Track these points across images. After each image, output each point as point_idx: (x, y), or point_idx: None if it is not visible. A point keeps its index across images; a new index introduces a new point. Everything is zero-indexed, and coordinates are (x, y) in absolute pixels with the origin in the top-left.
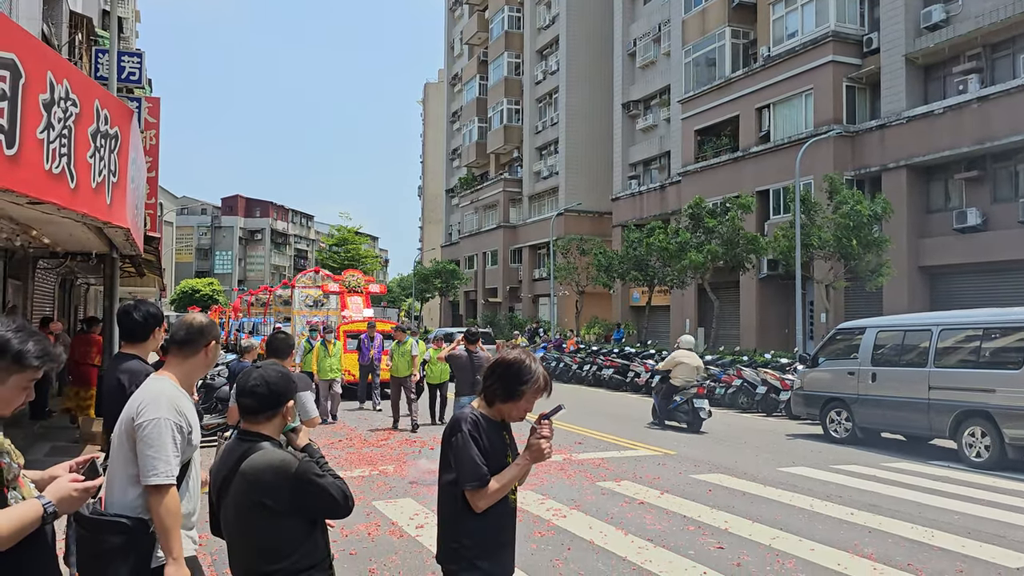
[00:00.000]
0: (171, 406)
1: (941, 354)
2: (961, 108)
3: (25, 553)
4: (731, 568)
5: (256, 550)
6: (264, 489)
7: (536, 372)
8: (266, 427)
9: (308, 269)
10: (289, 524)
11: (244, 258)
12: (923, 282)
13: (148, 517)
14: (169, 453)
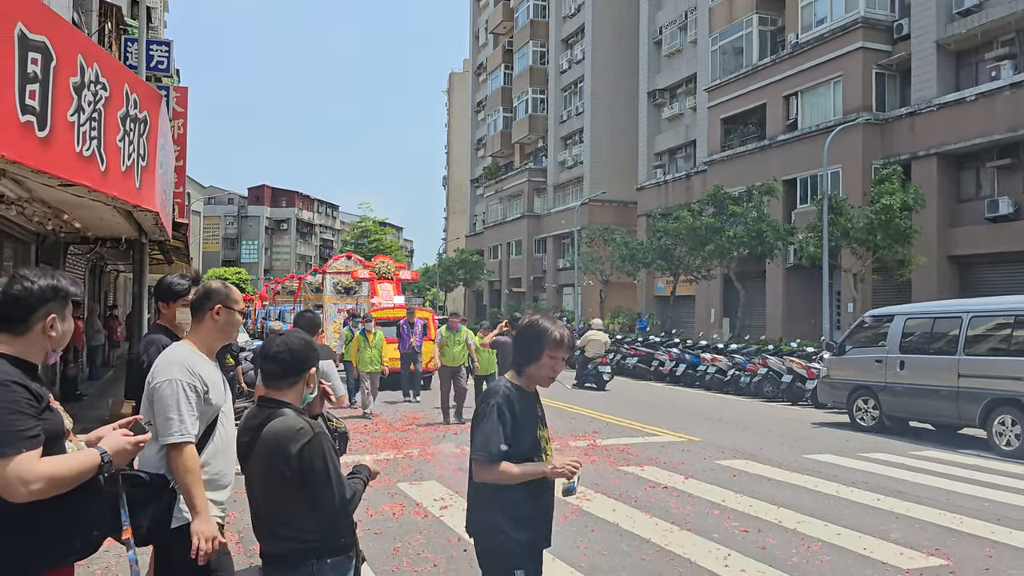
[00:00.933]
0: (183, 367)
1: (971, 342)
2: (993, 95)
3: (83, 498)
4: (755, 551)
5: (275, 516)
6: (281, 455)
7: (550, 329)
8: (287, 394)
9: (339, 255)
10: (297, 492)
11: (270, 247)
12: (953, 272)
13: (169, 474)
14: (184, 413)
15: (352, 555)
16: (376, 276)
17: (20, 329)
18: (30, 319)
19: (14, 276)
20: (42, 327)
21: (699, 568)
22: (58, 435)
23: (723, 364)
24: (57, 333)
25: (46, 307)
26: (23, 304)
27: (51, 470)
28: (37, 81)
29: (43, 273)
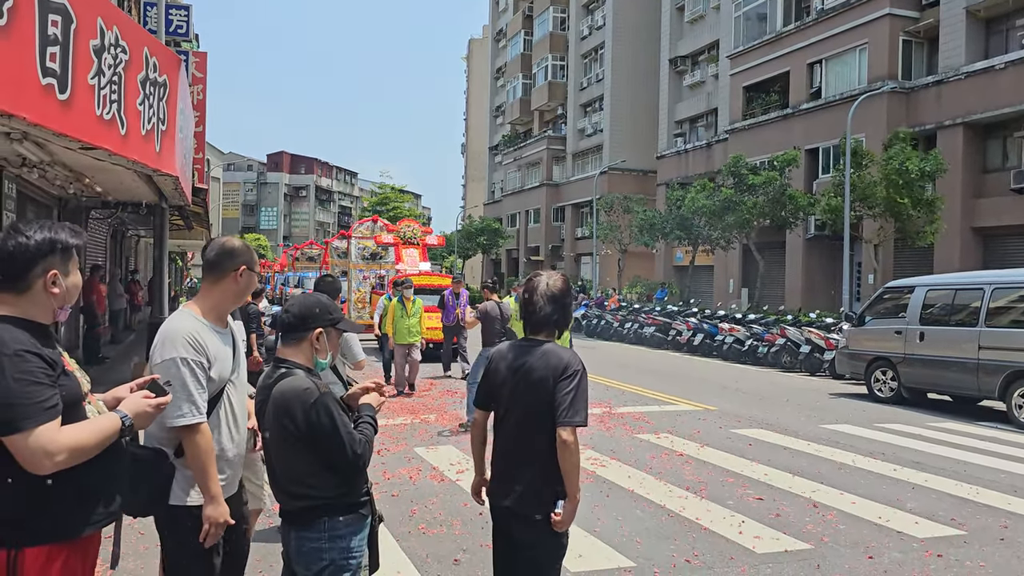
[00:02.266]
0: (186, 343)
1: (993, 314)
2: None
3: (108, 464)
4: (770, 518)
5: (289, 474)
6: (288, 414)
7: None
8: (297, 354)
9: (365, 218)
10: (306, 451)
11: (289, 214)
12: (976, 243)
13: (168, 449)
14: (192, 392)
15: (366, 514)
16: (401, 241)
17: (21, 287)
18: (28, 276)
19: (9, 230)
20: (43, 284)
21: (713, 534)
22: (76, 400)
23: (741, 334)
24: (61, 289)
25: (45, 262)
26: (19, 260)
27: (74, 439)
28: (57, 44)
29: (40, 226)
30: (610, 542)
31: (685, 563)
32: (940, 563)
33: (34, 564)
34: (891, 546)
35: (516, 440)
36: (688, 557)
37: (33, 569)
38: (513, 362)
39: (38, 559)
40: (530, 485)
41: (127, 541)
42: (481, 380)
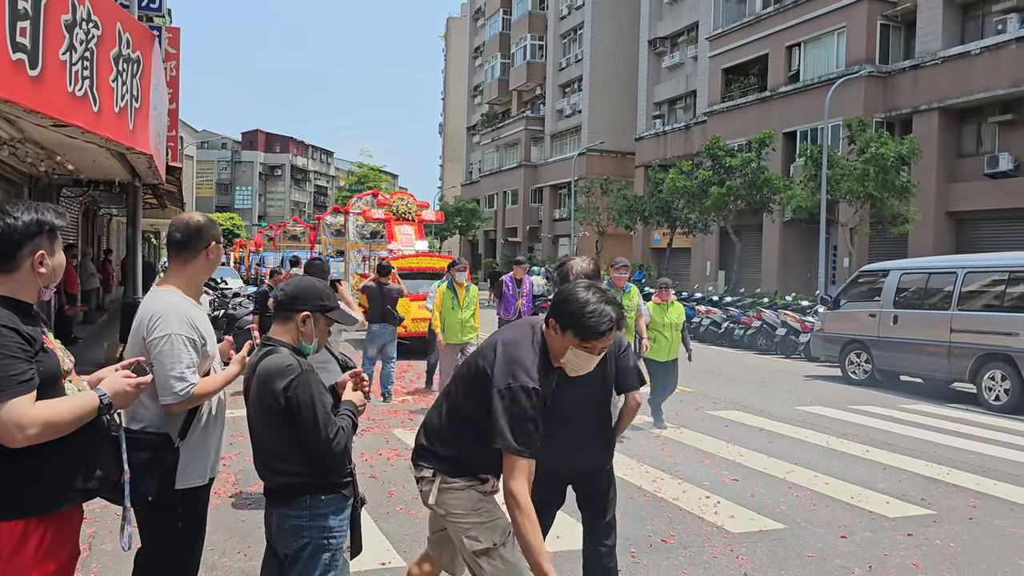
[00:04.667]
0: (181, 319)
1: (965, 297)
2: (999, 49)
3: (86, 441)
4: (745, 498)
5: (270, 451)
6: (269, 389)
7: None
8: (284, 333)
9: (365, 192)
10: (285, 428)
11: (264, 194)
12: (950, 228)
13: (173, 434)
14: (184, 369)
15: (348, 495)
16: (393, 216)
17: (9, 267)
18: (18, 256)
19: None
20: (31, 264)
21: (689, 514)
22: (55, 377)
23: (718, 316)
24: (47, 269)
25: (33, 243)
26: (8, 241)
27: (47, 414)
28: (28, 18)
29: (26, 207)
30: None
31: (661, 543)
32: (910, 542)
33: (10, 539)
34: (863, 525)
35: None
36: (664, 537)
37: (9, 544)
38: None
39: (14, 534)
40: (594, 450)
41: (105, 521)
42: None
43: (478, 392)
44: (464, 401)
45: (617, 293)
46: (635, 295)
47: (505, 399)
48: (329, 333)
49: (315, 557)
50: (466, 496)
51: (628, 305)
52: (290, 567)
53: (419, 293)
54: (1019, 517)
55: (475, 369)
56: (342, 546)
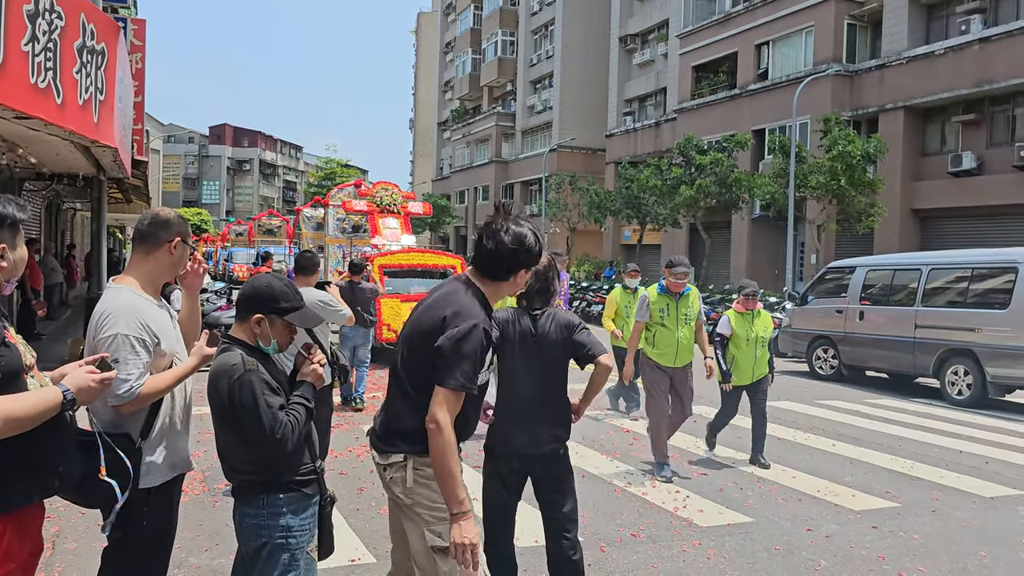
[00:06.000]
0: (130, 319)
1: (929, 294)
2: (962, 49)
3: (50, 436)
4: (713, 492)
5: (226, 449)
6: (216, 389)
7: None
8: (240, 331)
9: (346, 183)
10: (233, 427)
11: (232, 188)
12: (914, 225)
13: (134, 433)
14: (131, 370)
15: (311, 493)
16: (377, 208)
17: None
18: None
19: None
20: None
21: (658, 509)
22: (16, 372)
23: (605, 307)
24: (8, 263)
25: None
26: None
27: (8, 409)
28: None
29: None
30: None
31: (631, 537)
32: (875, 534)
33: None
34: (829, 518)
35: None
36: (634, 531)
37: None
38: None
39: None
40: (547, 433)
41: (69, 520)
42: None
43: (431, 345)
44: (421, 360)
45: (671, 300)
46: (695, 300)
47: (454, 339)
48: (295, 332)
49: (273, 557)
50: (435, 484)
51: (687, 314)
52: (251, 566)
53: (411, 293)
54: (980, 509)
55: (426, 325)
56: (304, 546)
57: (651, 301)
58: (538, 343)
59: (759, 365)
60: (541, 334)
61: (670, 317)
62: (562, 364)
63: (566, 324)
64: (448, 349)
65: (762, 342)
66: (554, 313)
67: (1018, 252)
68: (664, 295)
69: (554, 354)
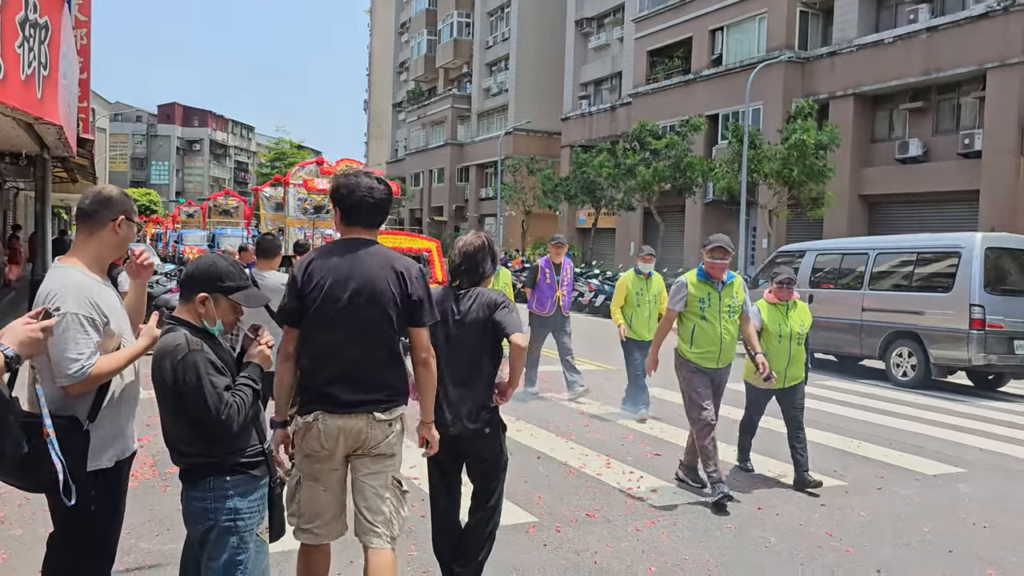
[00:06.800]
0: (79, 298)
1: (876, 277)
2: (910, 38)
3: None
4: (667, 474)
5: (171, 431)
6: (159, 370)
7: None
8: (184, 312)
9: (307, 161)
10: (177, 409)
11: (182, 169)
12: (863, 210)
13: (81, 415)
14: (82, 349)
15: (259, 475)
16: None
17: None
18: None
19: None
20: None
21: (613, 489)
22: None
23: (614, 294)
24: None
25: None
26: None
27: None
28: None
29: None
30: (513, 499)
31: (586, 517)
32: (823, 511)
33: None
34: (779, 497)
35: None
36: (589, 511)
37: None
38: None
39: None
40: (473, 412)
41: (14, 506)
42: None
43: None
44: (396, 319)
45: (712, 289)
46: (740, 289)
47: (423, 284)
48: (241, 312)
49: (221, 540)
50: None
51: (731, 305)
52: (200, 550)
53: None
54: (923, 486)
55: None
56: (253, 528)
57: (690, 289)
58: (460, 323)
59: (794, 366)
60: (463, 313)
61: (711, 309)
62: (486, 344)
63: (488, 303)
64: (423, 294)
65: (798, 339)
66: (480, 293)
67: (961, 237)
68: (705, 283)
69: (477, 334)
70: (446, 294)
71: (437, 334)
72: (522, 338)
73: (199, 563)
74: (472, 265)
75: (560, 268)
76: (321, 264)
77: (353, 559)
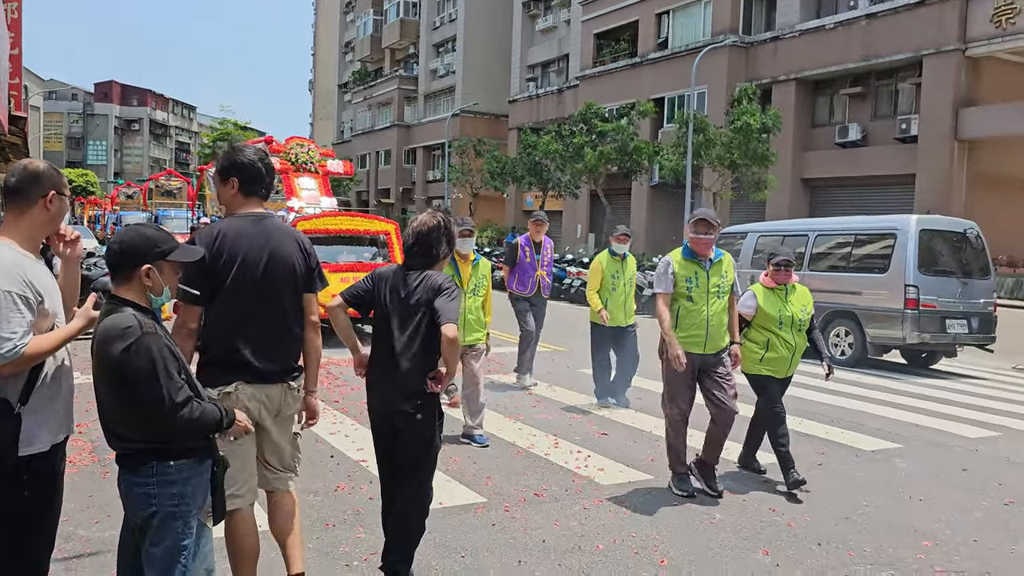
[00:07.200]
0: (12, 275)
1: (815, 258)
2: (851, 24)
3: None
4: (614, 451)
5: (112, 415)
6: (106, 352)
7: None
8: (128, 291)
9: (256, 140)
10: (128, 395)
11: (120, 149)
12: (804, 193)
13: (12, 398)
14: (15, 328)
15: (202, 459)
16: (291, 167)
17: None
18: None
19: None
20: None
21: (561, 468)
22: None
23: (588, 278)
24: None
25: None
26: None
27: None
28: None
29: None
30: (462, 480)
31: (534, 496)
32: (767, 487)
33: None
34: (725, 474)
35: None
36: (537, 491)
37: None
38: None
39: None
40: (405, 394)
41: None
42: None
43: (305, 278)
44: (299, 292)
45: (699, 267)
46: (729, 268)
47: (315, 255)
48: (178, 274)
49: (165, 526)
50: None
51: (719, 285)
52: (141, 537)
53: (340, 263)
54: (862, 462)
55: (291, 260)
56: (196, 512)
57: (675, 269)
58: (404, 303)
59: (796, 356)
60: (408, 294)
61: (699, 289)
62: (426, 328)
63: (432, 286)
64: (317, 262)
65: (800, 326)
66: (427, 276)
67: (897, 220)
68: (691, 261)
69: (418, 315)
70: (396, 274)
71: (381, 314)
72: (452, 329)
73: (138, 549)
74: (425, 246)
75: (540, 247)
76: (231, 238)
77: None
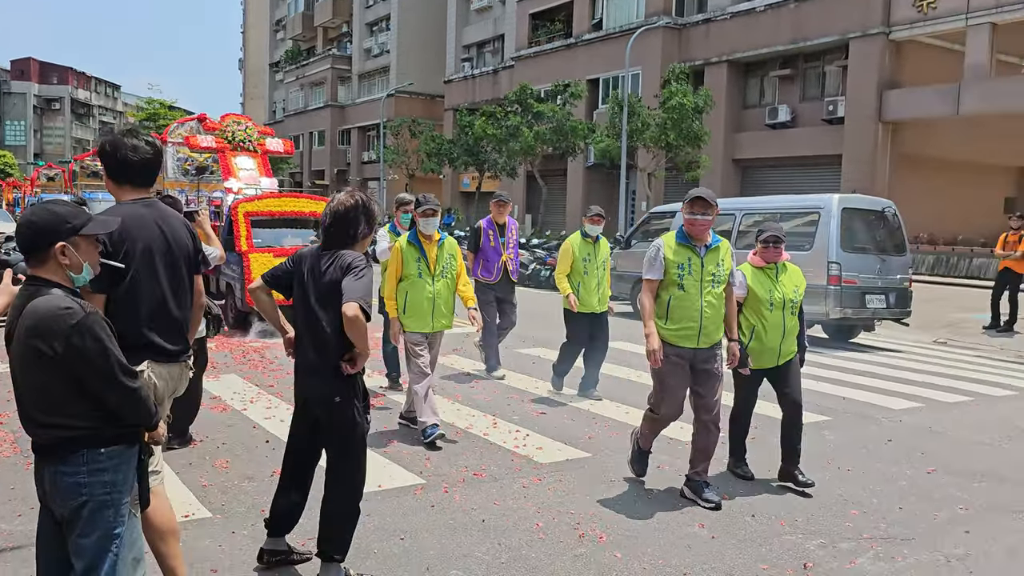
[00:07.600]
0: None
1: (742, 236)
2: (780, 7)
3: None
4: (552, 430)
5: (40, 404)
6: (42, 336)
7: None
8: (46, 271)
9: (189, 117)
10: (63, 377)
11: (40, 129)
12: (735, 174)
13: None
14: None
15: (132, 444)
16: (228, 145)
17: None
18: None
19: None
20: None
21: (500, 448)
22: None
23: (525, 258)
24: None
25: None
26: None
27: None
28: None
29: None
30: (400, 461)
31: (473, 477)
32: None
33: None
34: (661, 450)
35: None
36: (476, 471)
37: None
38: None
39: None
40: (322, 377)
41: None
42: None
43: (195, 261)
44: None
45: (693, 253)
46: (727, 255)
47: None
48: (98, 246)
49: (96, 515)
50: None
51: (715, 273)
52: (69, 528)
53: (284, 247)
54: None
55: (187, 245)
56: (126, 500)
57: (666, 254)
58: (317, 283)
59: (788, 340)
60: (320, 274)
61: (692, 277)
62: (339, 308)
63: (342, 265)
64: (200, 245)
65: (791, 307)
66: (340, 255)
67: (820, 198)
68: (685, 246)
69: (331, 296)
70: (312, 255)
71: (298, 295)
72: (352, 308)
73: (58, 542)
74: (342, 227)
75: (504, 229)
76: (131, 225)
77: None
